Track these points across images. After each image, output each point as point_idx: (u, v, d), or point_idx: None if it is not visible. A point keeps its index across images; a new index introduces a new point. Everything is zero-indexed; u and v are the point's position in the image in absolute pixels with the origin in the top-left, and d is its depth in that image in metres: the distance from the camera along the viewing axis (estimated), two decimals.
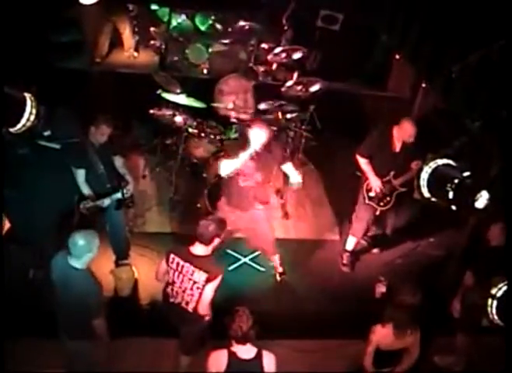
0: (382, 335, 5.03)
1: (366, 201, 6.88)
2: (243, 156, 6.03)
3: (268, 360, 4.54)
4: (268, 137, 6.05)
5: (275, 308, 6.63)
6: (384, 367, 5.24)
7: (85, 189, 6.09)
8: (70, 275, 4.73)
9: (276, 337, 6.28)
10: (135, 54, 9.90)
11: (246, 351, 4.52)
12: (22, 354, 5.49)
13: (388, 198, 6.84)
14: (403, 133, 6.51)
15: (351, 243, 7.20)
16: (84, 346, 4.98)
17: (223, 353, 4.51)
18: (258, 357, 4.52)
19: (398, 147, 6.63)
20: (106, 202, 6.11)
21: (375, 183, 6.72)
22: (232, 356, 4.50)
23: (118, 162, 6.34)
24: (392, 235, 7.61)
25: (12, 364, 5.08)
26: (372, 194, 6.82)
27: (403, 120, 6.55)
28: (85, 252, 4.68)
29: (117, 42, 9.84)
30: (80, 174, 6.06)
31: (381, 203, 6.87)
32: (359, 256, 7.39)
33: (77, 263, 4.72)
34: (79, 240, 4.64)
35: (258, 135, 6.00)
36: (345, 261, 7.25)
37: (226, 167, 6.11)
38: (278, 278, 6.94)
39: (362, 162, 6.75)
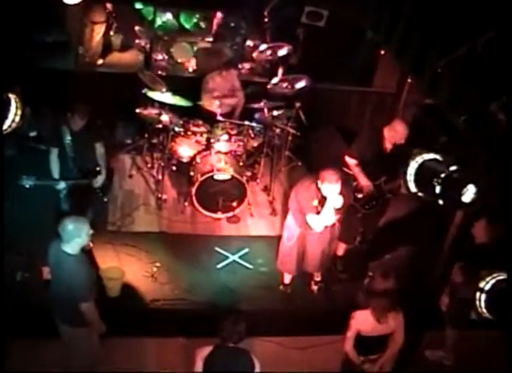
0: (361, 320, 5.10)
1: (351, 201, 6.63)
2: (328, 209, 5.89)
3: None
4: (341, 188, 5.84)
5: (264, 306, 6.62)
6: (370, 353, 5.29)
7: (54, 169, 6.19)
8: (62, 259, 4.85)
9: (266, 334, 6.29)
10: (100, 61, 9.56)
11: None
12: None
13: (374, 202, 6.73)
14: (394, 134, 6.38)
15: (341, 249, 7.09)
16: (78, 333, 5.09)
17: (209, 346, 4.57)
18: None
19: (388, 148, 6.49)
20: (62, 185, 6.07)
21: (366, 185, 6.52)
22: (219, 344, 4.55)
23: (99, 151, 6.38)
24: (380, 232, 7.56)
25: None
26: (359, 196, 6.64)
27: (395, 122, 6.44)
28: (74, 237, 4.77)
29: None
30: (52, 152, 6.20)
31: (366, 206, 6.73)
32: (350, 259, 7.26)
33: (68, 248, 4.82)
34: (69, 225, 4.76)
35: (334, 189, 5.79)
36: (340, 268, 7.12)
37: (315, 222, 5.96)
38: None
39: (352, 164, 6.53)
